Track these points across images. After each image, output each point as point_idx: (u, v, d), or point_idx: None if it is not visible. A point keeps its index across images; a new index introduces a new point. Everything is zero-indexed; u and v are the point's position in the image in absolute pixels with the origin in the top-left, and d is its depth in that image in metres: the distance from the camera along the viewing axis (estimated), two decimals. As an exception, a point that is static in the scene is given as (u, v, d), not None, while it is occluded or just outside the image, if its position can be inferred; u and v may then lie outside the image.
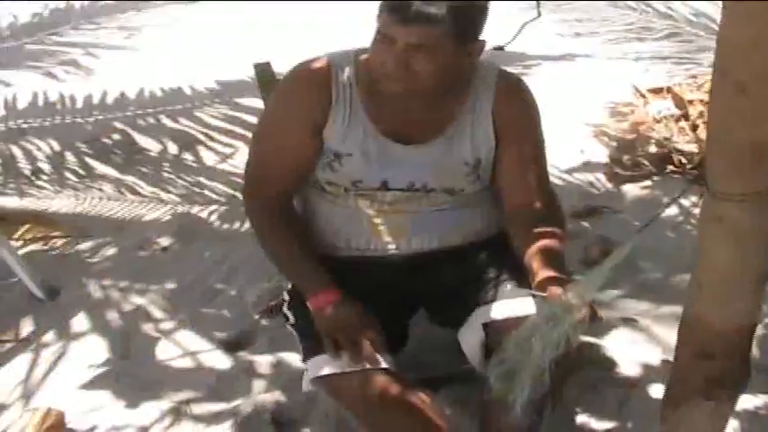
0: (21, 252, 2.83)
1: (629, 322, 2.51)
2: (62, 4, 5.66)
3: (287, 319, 2.08)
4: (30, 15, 5.52)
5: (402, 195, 2.01)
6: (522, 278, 1.88)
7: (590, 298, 1.62)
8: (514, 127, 1.99)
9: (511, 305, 1.88)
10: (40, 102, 4.30)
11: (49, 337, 2.56)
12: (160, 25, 5.32)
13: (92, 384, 2.37)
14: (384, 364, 1.88)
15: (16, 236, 2.97)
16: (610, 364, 2.36)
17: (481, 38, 1.91)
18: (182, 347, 2.49)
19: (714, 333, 1.48)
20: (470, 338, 1.94)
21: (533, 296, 1.77)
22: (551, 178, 2.17)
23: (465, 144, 1.98)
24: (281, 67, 2.19)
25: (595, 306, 1.71)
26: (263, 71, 2.40)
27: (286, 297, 2.10)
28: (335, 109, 1.95)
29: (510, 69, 2.09)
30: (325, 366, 1.90)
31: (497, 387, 1.66)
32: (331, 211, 2.07)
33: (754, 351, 2.36)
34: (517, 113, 2.00)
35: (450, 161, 1.98)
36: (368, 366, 1.86)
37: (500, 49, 4.55)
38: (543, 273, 1.77)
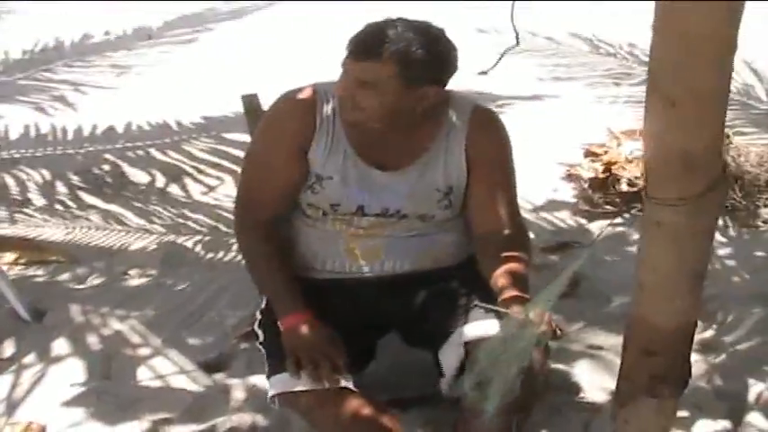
0: (9, 276, 2.90)
1: (595, 350, 2.61)
2: (52, 42, 5.79)
3: (257, 337, 2.18)
4: (21, 52, 5.65)
5: (377, 221, 2.12)
6: (493, 301, 1.97)
7: (547, 310, 1.74)
8: (485, 157, 2.10)
9: (486, 325, 1.98)
10: (32, 133, 4.40)
11: (31, 357, 2.63)
12: (149, 64, 5.45)
13: (73, 402, 2.44)
14: (344, 384, 1.97)
15: (5, 260, 3.05)
16: (575, 389, 2.45)
17: (441, 85, 2.01)
18: (161, 369, 2.57)
19: (656, 331, 1.58)
20: (451, 357, 2.03)
21: (497, 313, 1.88)
22: (524, 213, 2.29)
23: (438, 171, 2.09)
24: (268, 99, 2.30)
25: (556, 324, 1.84)
26: (251, 103, 2.50)
27: (258, 316, 2.21)
28: (319, 134, 2.07)
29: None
30: (286, 384, 2.00)
31: (472, 395, 1.75)
32: (310, 234, 2.18)
33: (717, 378, 2.47)
34: (488, 144, 2.11)
35: (424, 188, 2.09)
36: (326, 385, 1.96)
37: (484, 74, 4.69)
38: (507, 293, 1.89)
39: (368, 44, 1.92)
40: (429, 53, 1.93)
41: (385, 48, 1.90)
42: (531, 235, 3.05)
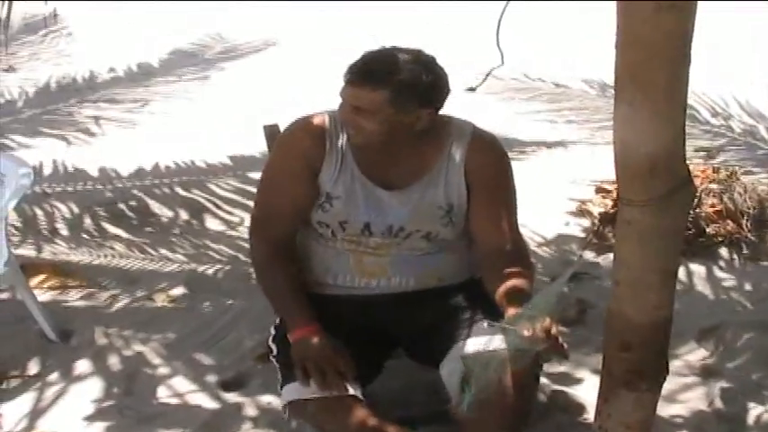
0: (39, 299, 3.04)
1: (598, 374, 2.67)
2: (70, 77, 6.00)
3: (271, 351, 2.29)
4: (40, 86, 5.86)
5: (383, 242, 2.23)
6: (496, 317, 2.06)
7: (542, 318, 1.84)
8: (484, 176, 2.22)
9: (485, 340, 2.07)
10: (61, 170, 4.57)
11: (56, 375, 2.75)
12: (173, 98, 5.64)
13: (95, 416, 2.55)
14: (351, 392, 2.08)
15: (34, 284, 3.19)
16: (580, 410, 2.53)
17: (434, 107, 2.15)
18: (180, 387, 2.68)
19: (631, 325, 1.69)
20: (450, 373, 2.11)
21: (501, 329, 1.97)
22: (535, 246, 2.38)
23: (439, 190, 2.21)
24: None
25: (562, 341, 1.93)
26: (272, 132, 2.63)
27: (272, 331, 2.32)
28: (329, 156, 2.21)
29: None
30: (296, 392, 2.10)
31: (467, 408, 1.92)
32: (322, 251, 2.30)
33: (718, 402, 2.54)
34: (487, 164, 2.24)
35: (426, 206, 2.21)
36: (335, 393, 2.06)
37: (472, 90, 4.85)
38: (510, 310, 1.98)
39: (362, 72, 2.07)
40: (421, 79, 2.07)
41: (378, 75, 2.05)
42: (540, 266, 3.17)
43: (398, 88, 2.05)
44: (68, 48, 6.70)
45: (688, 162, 1.63)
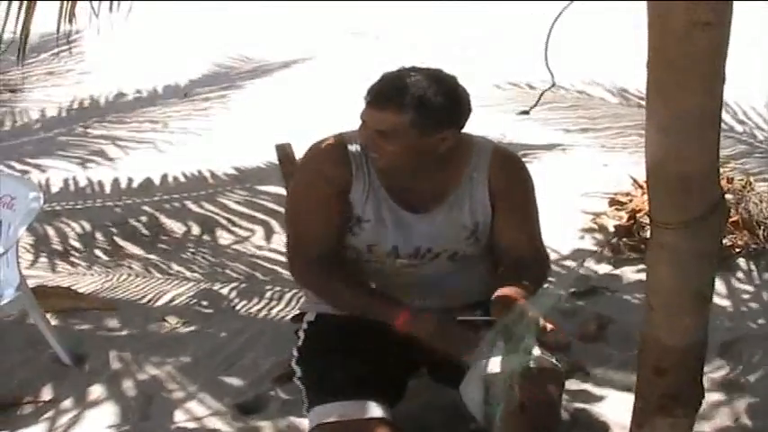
0: (52, 323, 3.01)
1: (622, 391, 2.65)
2: (87, 100, 5.98)
3: (294, 373, 2.26)
4: (56, 109, 5.85)
5: (409, 263, 2.22)
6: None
7: (542, 314, 1.92)
8: (509, 192, 2.22)
9: (503, 359, 2.03)
10: (72, 187, 4.55)
11: (70, 400, 2.72)
12: (183, 119, 5.62)
13: (112, 442, 2.53)
14: (380, 414, 2.05)
15: (46, 306, 3.16)
16: (603, 427, 2.51)
17: (458, 127, 2.13)
18: (197, 411, 2.65)
19: (666, 350, 1.66)
20: (472, 393, 2.10)
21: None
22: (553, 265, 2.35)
23: (464, 210, 2.21)
24: (301, 148, 2.40)
25: (565, 333, 1.94)
26: (284, 151, 2.59)
27: (295, 354, 2.29)
28: (356, 178, 2.18)
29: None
30: (324, 415, 2.07)
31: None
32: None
33: (744, 417, 2.51)
34: (510, 180, 2.24)
35: (451, 226, 2.21)
36: (367, 416, 2.03)
37: (526, 113, 4.83)
38: (501, 291, 2.05)
39: (384, 95, 2.04)
40: (443, 99, 2.05)
41: (401, 97, 2.02)
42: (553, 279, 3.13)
43: (421, 110, 2.02)
44: (84, 67, 6.67)
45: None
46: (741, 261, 3.46)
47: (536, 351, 2.19)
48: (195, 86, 6.19)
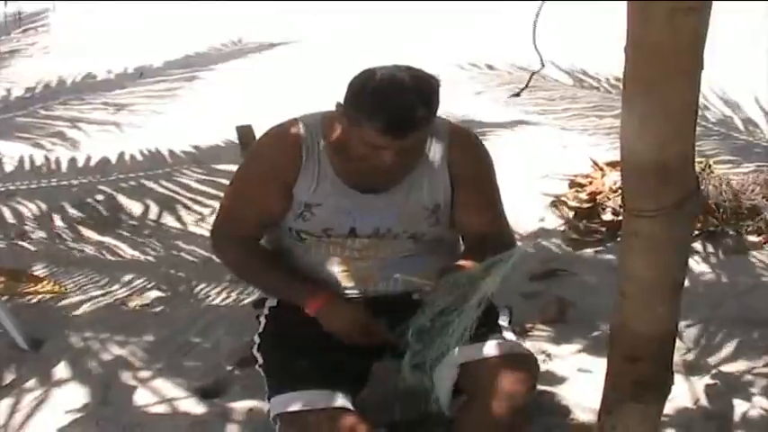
0: (7, 305, 2.95)
1: (584, 373, 2.67)
2: (54, 81, 5.89)
3: (256, 360, 2.24)
4: (23, 90, 5.75)
5: (369, 242, 2.21)
6: (488, 324, 2.12)
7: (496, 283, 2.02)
8: (468, 171, 2.23)
9: (483, 347, 2.10)
10: (27, 166, 4.47)
11: (30, 384, 2.68)
12: (142, 101, 5.55)
13: (72, 428, 2.49)
14: (342, 404, 2.05)
15: (1, 290, 3.10)
16: (565, 410, 2.52)
17: None
18: (159, 395, 2.62)
19: (638, 338, 1.65)
20: (445, 378, 2.11)
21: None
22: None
23: (423, 190, 2.20)
24: (262, 130, 2.37)
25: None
26: (245, 133, 2.58)
27: (257, 340, 2.27)
28: (305, 165, 2.17)
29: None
30: (286, 405, 2.05)
31: (409, 377, 2.08)
32: (305, 258, 2.26)
33: (703, 400, 2.54)
34: (469, 158, 2.24)
35: (411, 206, 2.20)
36: (331, 405, 2.02)
37: (517, 95, 4.88)
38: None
39: (404, 122, 2.00)
40: (431, 89, 2.06)
41: (421, 119, 2.02)
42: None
43: (431, 119, 2.07)
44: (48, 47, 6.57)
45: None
46: (698, 244, 3.49)
47: (510, 336, 2.21)
48: (167, 69, 6.11)
